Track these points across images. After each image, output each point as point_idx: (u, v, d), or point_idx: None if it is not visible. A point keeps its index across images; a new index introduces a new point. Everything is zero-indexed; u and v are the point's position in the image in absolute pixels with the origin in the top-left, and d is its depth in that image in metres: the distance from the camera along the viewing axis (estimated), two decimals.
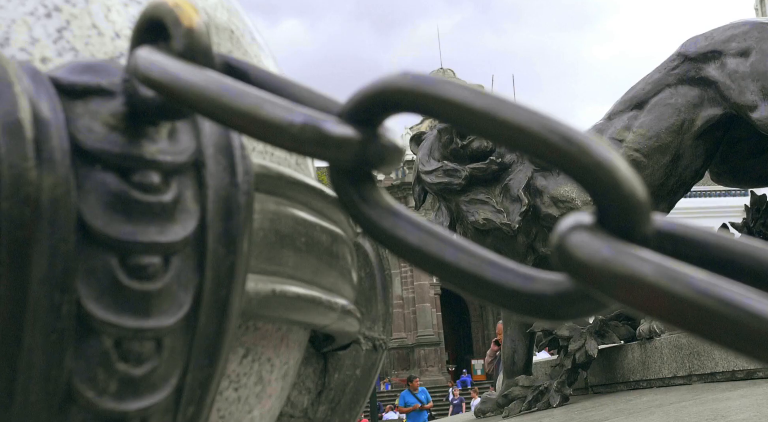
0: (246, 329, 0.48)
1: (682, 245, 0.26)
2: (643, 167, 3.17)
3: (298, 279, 0.49)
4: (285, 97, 0.34)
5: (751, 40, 2.94)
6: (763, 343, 0.22)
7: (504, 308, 0.28)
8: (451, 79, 0.30)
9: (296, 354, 0.56)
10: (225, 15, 0.53)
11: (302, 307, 0.49)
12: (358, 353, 0.69)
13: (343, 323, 0.57)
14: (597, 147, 0.26)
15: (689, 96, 3.10)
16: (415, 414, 11.25)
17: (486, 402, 3.33)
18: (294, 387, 0.66)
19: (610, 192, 0.26)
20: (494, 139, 0.28)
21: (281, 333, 0.52)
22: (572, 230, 0.26)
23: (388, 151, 0.31)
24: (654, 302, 0.23)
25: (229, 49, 0.51)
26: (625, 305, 0.24)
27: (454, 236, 0.30)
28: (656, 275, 0.23)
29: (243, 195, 0.39)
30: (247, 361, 0.49)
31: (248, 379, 0.49)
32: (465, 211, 3.22)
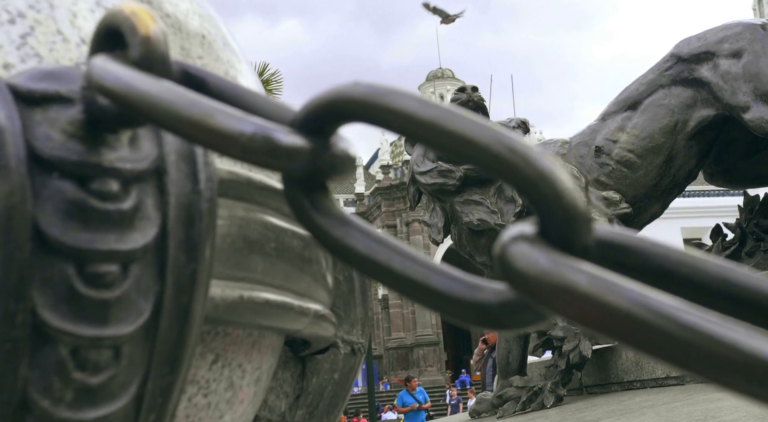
0: (215, 335, 0.48)
1: (625, 255, 0.27)
2: (637, 168, 3.18)
3: (267, 285, 0.49)
4: (242, 105, 0.34)
5: (743, 41, 2.95)
6: (694, 355, 0.22)
7: (451, 316, 0.28)
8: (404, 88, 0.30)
9: (269, 359, 0.56)
10: (197, 20, 0.53)
11: (272, 313, 0.49)
12: (336, 357, 0.69)
13: (316, 328, 0.57)
14: (540, 159, 0.26)
15: (682, 97, 3.11)
16: (413, 414, 11.25)
17: (481, 403, 3.33)
18: (271, 392, 0.66)
19: (551, 203, 0.26)
20: (442, 150, 0.28)
21: (252, 338, 0.52)
22: (513, 240, 0.26)
23: (340, 160, 0.31)
24: (588, 313, 0.23)
25: (200, 54, 0.51)
26: (562, 316, 0.24)
27: (403, 245, 0.30)
28: (590, 287, 0.23)
29: (205, 202, 0.39)
30: (217, 367, 0.49)
31: (218, 385, 0.49)
32: (459, 212, 3.22)
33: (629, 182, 3.13)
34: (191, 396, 0.47)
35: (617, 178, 3.14)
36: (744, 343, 0.21)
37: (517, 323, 0.27)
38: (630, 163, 3.12)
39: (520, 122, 3.39)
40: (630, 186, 3.13)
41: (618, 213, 3.08)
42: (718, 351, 0.22)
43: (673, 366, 0.23)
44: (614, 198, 3.11)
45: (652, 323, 0.22)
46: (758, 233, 3.12)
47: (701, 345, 0.22)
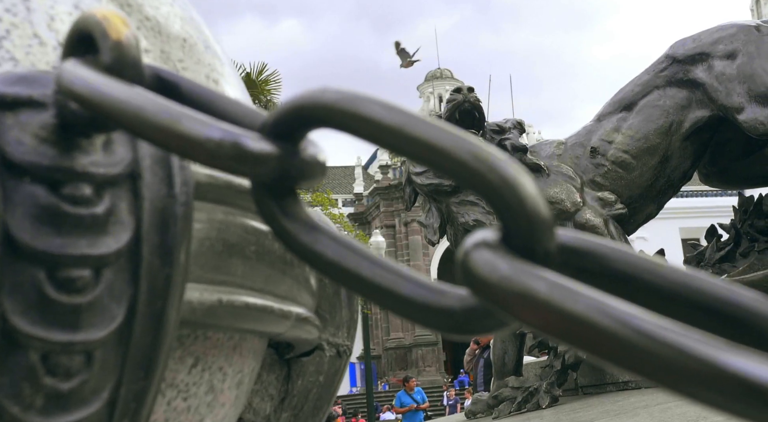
0: (195, 338, 0.48)
1: (587, 260, 0.27)
2: (632, 169, 3.18)
3: (248, 288, 0.49)
4: (214, 110, 0.34)
5: (737, 42, 2.96)
6: (650, 362, 0.22)
7: (417, 322, 0.28)
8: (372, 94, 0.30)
9: (251, 362, 0.56)
10: (178, 24, 0.53)
11: (252, 316, 0.49)
12: (321, 359, 0.69)
13: (299, 331, 0.57)
14: (503, 165, 0.26)
15: (677, 98, 3.11)
16: (410, 414, 11.25)
17: (477, 403, 3.33)
18: (256, 394, 0.66)
19: (513, 209, 0.26)
20: (407, 155, 0.28)
21: (233, 341, 0.52)
22: (475, 246, 0.26)
23: (309, 166, 0.31)
24: (547, 320, 0.23)
25: (180, 57, 0.51)
26: (522, 323, 0.24)
27: (370, 250, 0.30)
28: (549, 293, 0.23)
29: (180, 206, 0.39)
30: (197, 371, 0.49)
31: (198, 389, 0.49)
32: (455, 212, 3.22)
33: (624, 182, 3.14)
34: (170, 400, 0.47)
35: (612, 178, 3.15)
36: (698, 350, 0.22)
37: (480, 329, 0.27)
38: (625, 164, 3.12)
39: (516, 122, 3.39)
40: (625, 187, 3.14)
41: (613, 214, 3.08)
42: (674, 358, 0.22)
43: (629, 372, 0.23)
44: (609, 199, 3.11)
45: (609, 330, 0.22)
46: (752, 234, 3.13)
47: (657, 352, 0.22)
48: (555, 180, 3.16)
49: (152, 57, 0.49)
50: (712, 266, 3.13)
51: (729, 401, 0.21)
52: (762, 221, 3.16)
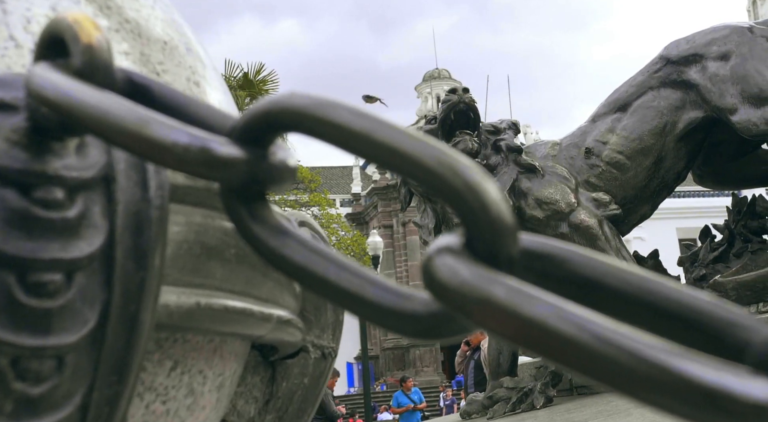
0: (174, 341, 0.48)
1: (550, 265, 0.27)
2: (627, 169, 3.19)
3: (227, 291, 0.49)
4: (185, 113, 0.34)
5: (731, 43, 2.97)
6: (605, 367, 0.22)
7: (383, 327, 0.28)
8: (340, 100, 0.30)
9: (233, 365, 0.56)
10: (159, 26, 0.53)
11: (232, 319, 0.49)
12: (306, 361, 0.69)
13: (281, 333, 0.57)
14: (467, 171, 0.26)
15: (671, 99, 3.12)
16: (407, 414, 11.26)
17: (471, 404, 3.33)
18: (240, 397, 0.66)
19: (477, 215, 0.26)
20: (373, 160, 0.28)
21: (214, 344, 0.52)
22: (438, 251, 0.26)
23: (278, 171, 0.31)
24: (505, 325, 0.23)
25: (161, 60, 0.51)
26: (482, 328, 0.24)
27: (339, 255, 0.30)
28: (508, 299, 0.23)
29: (155, 210, 0.39)
30: (176, 374, 0.49)
31: (177, 392, 0.49)
32: (450, 213, 3.23)
33: (619, 183, 3.14)
34: (149, 403, 0.47)
35: (607, 179, 3.15)
36: (653, 356, 0.22)
37: (445, 333, 0.27)
38: (619, 164, 3.13)
39: (511, 123, 3.40)
40: (619, 187, 3.14)
41: (608, 214, 3.09)
42: (629, 364, 0.22)
43: (587, 378, 0.23)
44: (604, 199, 3.12)
45: (566, 335, 0.22)
46: (746, 235, 3.13)
47: (612, 358, 0.22)
48: (550, 181, 3.17)
49: (132, 59, 0.49)
50: (705, 267, 3.14)
51: (684, 406, 0.21)
52: (755, 222, 3.17)
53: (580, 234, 3.08)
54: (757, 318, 0.23)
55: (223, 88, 0.60)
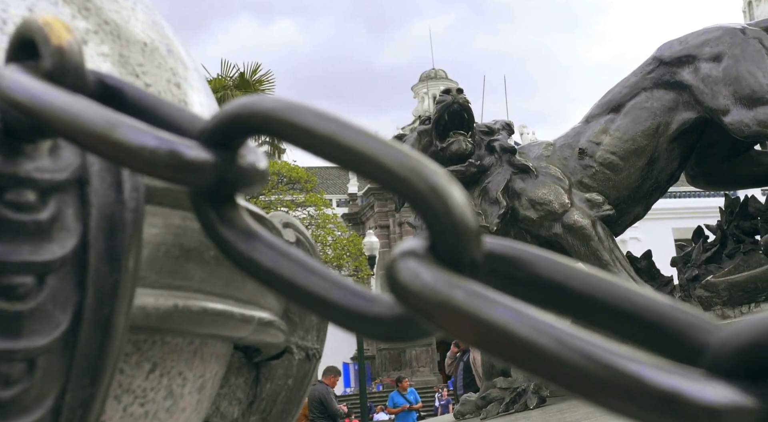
0: (152, 343, 0.48)
1: (514, 268, 0.27)
2: (620, 170, 3.20)
3: (207, 293, 0.49)
4: (156, 116, 0.34)
5: (723, 45, 2.98)
6: (562, 370, 0.22)
7: (350, 330, 0.28)
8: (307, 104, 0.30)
9: (214, 367, 0.56)
10: (139, 27, 0.53)
11: (211, 321, 0.49)
12: (290, 362, 0.69)
13: (263, 334, 0.57)
14: (431, 174, 0.26)
15: (664, 100, 3.13)
16: (403, 414, 11.26)
17: (465, 404, 3.34)
18: (224, 398, 0.66)
19: (440, 218, 0.26)
20: (340, 163, 0.28)
21: (194, 346, 0.52)
22: (401, 255, 0.26)
23: (247, 174, 0.31)
24: (465, 329, 0.24)
25: (140, 61, 0.51)
26: (443, 331, 0.25)
27: (306, 258, 0.30)
28: (466, 303, 0.23)
29: (130, 212, 0.39)
30: (155, 376, 0.49)
31: (156, 394, 0.49)
32: None
33: (612, 184, 3.15)
34: (127, 406, 0.47)
35: (600, 180, 3.16)
36: (609, 359, 0.22)
37: (409, 337, 0.27)
38: (613, 165, 3.14)
39: (505, 123, 3.40)
40: (613, 188, 3.15)
41: (601, 215, 3.10)
42: (586, 367, 0.22)
43: (544, 381, 0.23)
44: (597, 200, 3.12)
45: (524, 339, 0.23)
46: (738, 235, 3.14)
47: (570, 361, 0.22)
48: (543, 181, 3.18)
49: (111, 61, 0.49)
50: (698, 267, 3.15)
51: (639, 409, 0.21)
52: (747, 223, 3.18)
53: (574, 235, 3.09)
54: (714, 321, 0.23)
55: (205, 90, 0.60)
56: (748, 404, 0.21)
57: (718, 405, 0.21)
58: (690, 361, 0.23)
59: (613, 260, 2.99)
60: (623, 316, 0.25)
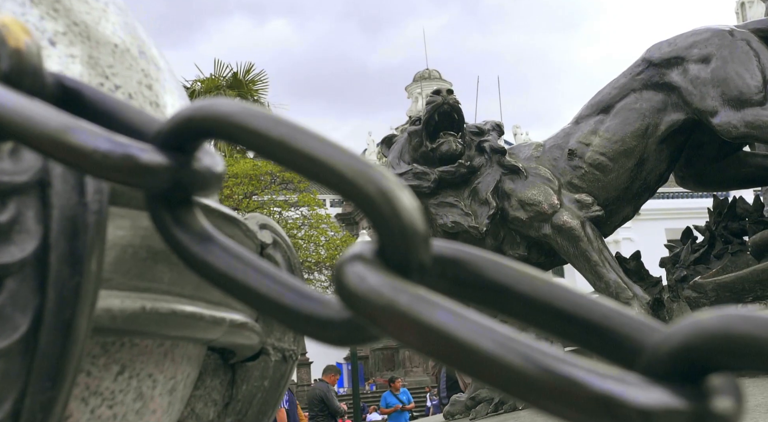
0: (121, 345, 0.48)
1: (464, 271, 0.27)
2: (609, 171, 3.21)
3: (176, 295, 0.49)
4: (114, 118, 0.34)
5: (711, 46, 2.99)
6: (504, 374, 0.22)
7: (302, 333, 0.29)
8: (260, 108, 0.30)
9: (186, 368, 0.56)
10: (109, 29, 0.53)
11: (180, 323, 0.49)
12: (267, 364, 0.69)
13: (235, 336, 0.57)
14: (380, 178, 0.27)
15: (653, 101, 3.14)
16: (396, 414, 11.26)
17: (455, 404, 3.34)
18: (199, 400, 0.66)
19: (388, 222, 0.26)
20: (292, 167, 0.29)
21: (164, 348, 0.52)
22: (350, 258, 0.26)
23: (202, 177, 0.31)
24: (407, 333, 0.24)
25: (110, 63, 0.51)
26: (388, 335, 0.25)
27: (261, 261, 0.30)
28: (409, 306, 0.24)
29: (92, 214, 0.39)
30: (123, 378, 0.49)
31: (125, 396, 0.49)
32: (434, 214, 3.23)
33: (601, 184, 3.16)
34: (94, 408, 0.47)
35: (590, 181, 3.17)
36: (547, 363, 0.22)
37: (357, 340, 0.27)
38: (602, 166, 3.15)
39: (495, 124, 3.41)
40: (602, 189, 3.17)
41: (590, 216, 3.11)
42: (524, 370, 0.22)
43: (485, 384, 0.23)
44: (587, 201, 3.14)
45: (464, 342, 0.23)
46: (726, 236, 3.16)
47: (509, 365, 0.22)
48: (533, 182, 3.18)
49: (79, 62, 0.48)
50: (687, 268, 3.16)
51: (574, 412, 0.22)
52: (735, 224, 3.20)
53: (563, 235, 3.10)
54: (651, 323, 0.24)
55: (179, 92, 0.60)
56: (679, 406, 0.21)
57: (651, 408, 0.21)
58: (628, 363, 0.23)
59: (602, 261, 3.00)
60: (567, 319, 0.25)
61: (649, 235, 19.97)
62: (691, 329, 0.21)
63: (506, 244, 3.24)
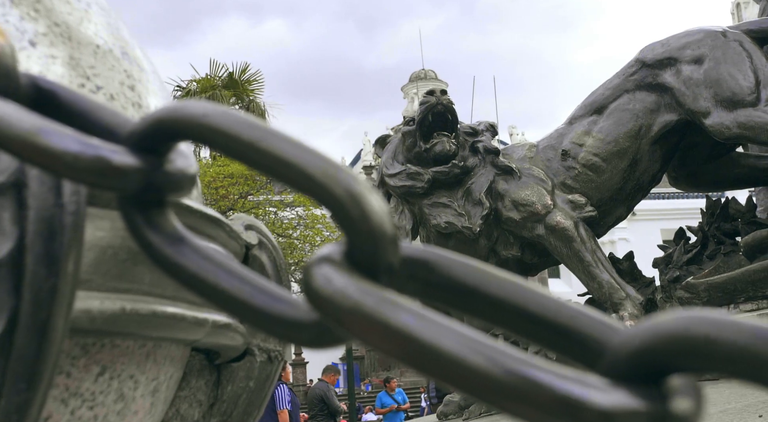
0: (101, 346, 0.48)
1: (433, 273, 0.27)
2: (602, 172, 3.22)
3: (157, 296, 0.49)
4: (91, 120, 0.34)
5: (704, 47, 3.00)
6: (467, 376, 0.22)
7: (273, 335, 0.29)
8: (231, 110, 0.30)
9: (169, 369, 0.56)
10: (91, 29, 0.53)
11: (161, 324, 0.49)
12: (252, 364, 0.69)
13: (219, 337, 0.57)
14: (349, 180, 0.27)
15: (647, 102, 3.15)
16: (391, 415, 11.26)
17: (448, 405, 3.35)
18: (184, 400, 0.65)
19: (357, 224, 0.26)
20: (262, 170, 0.29)
21: (146, 349, 0.52)
22: (318, 260, 0.26)
23: (174, 179, 0.31)
24: (372, 335, 0.24)
25: (92, 64, 0.51)
26: (354, 337, 0.25)
27: (232, 263, 0.30)
28: (375, 308, 0.24)
29: (69, 215, 0.39)
30: (104, 379, 0.48)
31: (106, 397, 0.49)
32: (427, 214, 3.24)
33: (595, 185, 3.17)
34: (74, 409, 0.47)
35: (583, 181, 3.18)
36: (509, 364, 0.22)
37: (326, 342, 0.27)
38: (595, 166, 3.16)
39: (489, 125, 3.42)
40: (595, 189, 3.18)
41: (583, 216, 3.12)
42: (486, 371, 0.22)
43: (450, 387, 0.23)
44: (580, 201, 3.14)
45: (428, 344, 0.23)
46: (719, 237, 3.18)
47: (470, 365, 0.22)
48: (526, 182, 3.19)
49: (60, 63, 0.48)
50: (679, 269, 3.17)
51: (537, 414, 0.22)
52: (728, 224, 3.21)
53: (556, 236, 3.11)
54: (614, 324, 0.24)
55: (162, 93, 0.60)
56: (638, 407, 0.21)
57: (611, 409, 0.21)
58: (591, 364, 0.24)
59: (595, 261, 3.01)
60: (534, 320, 0.25)
61: (645, 235, 20.04)
62: (651, 331, 0.21)
63: (500, 244, 3.25)
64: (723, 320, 0.21)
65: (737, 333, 0.20)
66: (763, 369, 0.20)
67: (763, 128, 2.81)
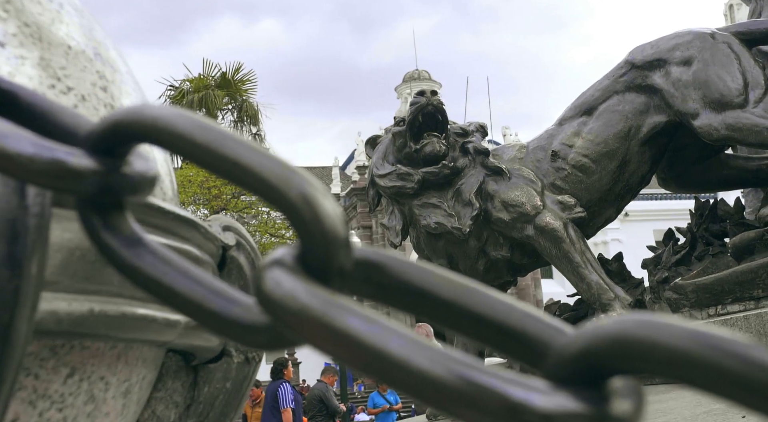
0: (71, 348, 0.48)
1: (386, 276, 0.27)
2: (592, 173, 3.23)
3: (127, 297, 0.48)
4: (51, 121, 0.34)
5: (693, 49, 3.02)
6: (413, 379, 0.23)
7: (227, 337, 0.29)
8: (188, 113, 0.30)
9: (141, 371, 0.56)
10: (63, 30, 0.53)
11: (131, 325, 0.49)
12: (229, 366, 0.68)
13: (192, 338, 0.57)
14: (303, 183, 0.27)
15: (636, 103, 3.17)
16: (383, 415, 11.26)
17: None
18: (160, 402, 0.65)
19: (309, 227, 0.26)
20: (217, 172, 0.29)
21: (117, 350, 0.52)
22: (270, 264, 0.26)
23: (132, 181, 0.31)
24: (320, 338, 0.24)
25: (63, 64, 0.51)
26: (303, 340, 0.25)
27: (189, 265, 0.30)
28: (322, 311, 0.24)
29: (33, 217, 0.39)
30: (73, 381, 0.48)
31: (76, 399, 0.49)
32: (418, 214, 3.24)
33: (584, 186, 3.19)
34: (43, 411, 0.46)
35: (572, 182, 3.20)
36: (454, 368, 0.22)
37: (278, 345, 0.27)
38: (585, 168, 3.18)
39: (479, 125, 3.42)
40: (585, 190, 3.19)
41: (573, 217, 3.13)
42: (432, 375, 0.22)
43: (398, 390, 0.23)
44: (569, 202, 3.16)
45: (375, 347, 0.23)
46: (707, 238, 3.20)
47: (417, 369, 0.22)
48: (516, 183, 3.20)
49: (30, 64, 0.48)
50: (668, 270, 3.19)
51: (481, 417, 0.22)
52: (716, 226, 3.24)
53: (545, 237, 3.12)
54: (560, 327, 0.24)
55: (137, 94, 0.60)
56: (579, 410, 0.21)
57: (553, 412, 0.21)
58: (537, 366, 0.24)
59: (584, 262, 3.02)
60: (485, 322, 0.25)
61: (637, 236, 20.14)
62: (593, 333, 0.22)
63: (489, 245, 3.26)
64: (663, 323, 0.21)
65: (676, 336, 0.20)
66: (700, 372, 0.20)
67: (751, 129, 2.83)
